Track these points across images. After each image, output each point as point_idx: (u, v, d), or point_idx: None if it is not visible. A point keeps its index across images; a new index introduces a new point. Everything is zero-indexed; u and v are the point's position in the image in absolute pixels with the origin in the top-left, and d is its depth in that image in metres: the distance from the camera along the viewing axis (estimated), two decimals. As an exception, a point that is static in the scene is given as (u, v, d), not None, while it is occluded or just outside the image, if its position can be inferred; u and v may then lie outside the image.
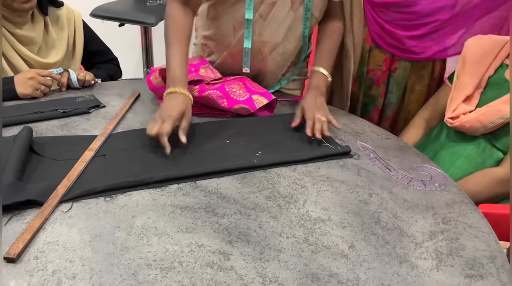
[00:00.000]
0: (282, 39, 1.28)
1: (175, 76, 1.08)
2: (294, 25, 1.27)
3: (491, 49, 1.28)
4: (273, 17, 1.24)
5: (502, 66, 1.27)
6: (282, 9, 1.23)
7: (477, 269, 0.76)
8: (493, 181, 1.17)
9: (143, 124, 1.15)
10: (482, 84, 1.28)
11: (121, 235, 0.77)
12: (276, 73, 1.36)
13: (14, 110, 1.16)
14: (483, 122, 1.20)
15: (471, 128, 1.23)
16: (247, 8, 1.21)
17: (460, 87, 1.30)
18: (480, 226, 0.86)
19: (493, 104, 1.21)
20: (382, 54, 1.45)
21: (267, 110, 1.26)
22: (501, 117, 1.18)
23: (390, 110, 1.54)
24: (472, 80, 1.28)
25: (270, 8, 1.23)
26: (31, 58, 1.35)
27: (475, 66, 1.28)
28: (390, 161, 1.07)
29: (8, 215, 0.80)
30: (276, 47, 1.29)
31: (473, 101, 1.28)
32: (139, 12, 2.35)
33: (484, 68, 1.27)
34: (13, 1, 1.25)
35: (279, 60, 1.33)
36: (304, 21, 1.27)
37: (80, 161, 0.95)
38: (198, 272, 0.70)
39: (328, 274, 0.72)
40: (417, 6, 1.33)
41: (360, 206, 0.89)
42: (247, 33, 1.25)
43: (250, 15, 1.22)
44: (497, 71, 1.27)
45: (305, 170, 1.00)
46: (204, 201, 0.87)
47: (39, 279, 0.67)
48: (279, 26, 1.26)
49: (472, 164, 1.23)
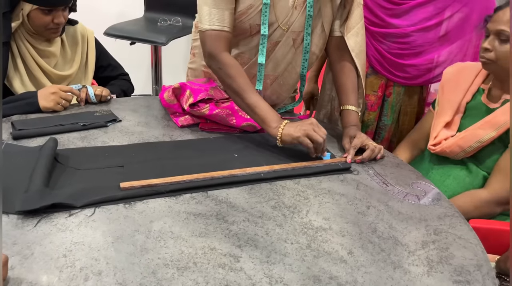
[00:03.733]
0: (282, 73, 1.36)
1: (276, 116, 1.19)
2: (294, 62, 1.35)
3: (467, 76, 1.36)
4: (276, 54, 1.32)
5: (479, 91, 1.34)
6: (284, 47, 1.31)
7: (464, 275, 0.83)
8: (480, 202, 1.23)
9: (157, 138, 1.24)
10: (461, 110, 1.35)
11: (141, 238, 0.84)
12: (276, 102, 1.44)
13: (37, 122, 1.25)
14: (462, 146, 1.28)
15: (452, 152, 1.30)
16: (260, 53, 1.28)
17: (440, 114, 1.37)
18: (468, 238, 0.94)
19: (470, 129, 1.29)
20: (378, 80, 1.54)
21: None
22: (477, 141, 1.26)
23: (385, 132, 1.63)
24: (451, 107, 1.35)
25: (273, 46, 1.30)
26: (50, 71, 1.46)
27: (453, 93, 1.36)
28: (387, 177, 1.15)
29: (37, 217, 0.87)
30: (277, 79, 1.37)
31: (454, 127, 1.35)
32: (151, 32, 2.47)
33: (462, 94, 1.35)
34: (44, 30, 1.38)
35: (279, 92, 1.41)
36: (302, 61, 1.35)
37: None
38: (211, 272, 0.77)
39: (329, 277, 0.79)
40: (410, 37, 1.44)
41: (358, 217, 0.97)
42: (259, 75, 1.31)
43: (262, 60, 1.28)
44: (474, 96, 1.34)
45: (308, 183, 1.08)
46: (215, 209, 0.95)
47: (68, 275, 0.74)
48: (280, 62, 1.34)
49: (460, 183, 1.30)
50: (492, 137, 1.24)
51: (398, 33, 1.44)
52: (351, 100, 1.33)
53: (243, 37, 1.30)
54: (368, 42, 1.50)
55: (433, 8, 1.41)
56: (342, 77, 1.36)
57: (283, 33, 1.29)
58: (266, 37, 1.27)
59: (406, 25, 1.44)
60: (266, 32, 1.26)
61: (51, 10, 1.35)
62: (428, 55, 1.48)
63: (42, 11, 1.34)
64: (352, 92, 1.34)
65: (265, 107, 1.19)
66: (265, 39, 1.27)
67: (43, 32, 1.39)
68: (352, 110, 1.31)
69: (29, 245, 0.80)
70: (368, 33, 1.49)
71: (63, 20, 1.39)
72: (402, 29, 1.44)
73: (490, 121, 1.26)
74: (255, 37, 1.29)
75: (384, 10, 1.44)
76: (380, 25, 1.46)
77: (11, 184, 0.95)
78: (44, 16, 1.35)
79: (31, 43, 1.41)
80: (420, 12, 1.42)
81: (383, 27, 1.46)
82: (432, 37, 1.44)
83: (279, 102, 1.45)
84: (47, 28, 1.38)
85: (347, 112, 1.31)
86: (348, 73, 1.35)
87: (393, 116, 1.58)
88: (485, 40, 1.25)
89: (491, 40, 1.22)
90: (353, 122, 1.29)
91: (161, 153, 1.16)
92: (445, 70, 1.42)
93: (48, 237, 0.82)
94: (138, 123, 1.32)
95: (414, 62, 1.48)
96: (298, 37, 1.30)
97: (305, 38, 1.31)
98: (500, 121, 1.23)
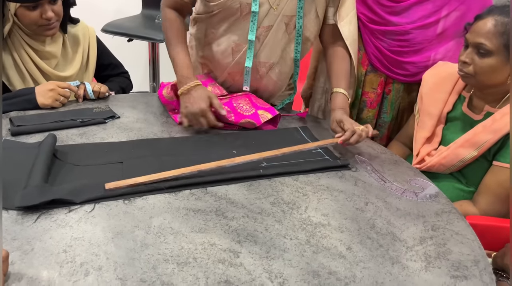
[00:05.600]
0: (278, 60, 1.37)
1: (187, 73, 1.27)
2: (288, 48, 1.36)
3: (447, 84, 1.32)
4: (269, 40, 1.33)
5: (460, 98, 1.32)
6: (277, 32, 1.32)
7: (461, 270, 0.84)
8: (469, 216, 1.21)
9: (156, 135, 1.24)
10: (442, 120, 1.33)
11: (140, 233, 0.84)
12: (272, 93, 1.45)
13: (36, 119, 1.25)
14: (446, 165, 1.27)
15: (438, 170, 1.29)
16: (250, 30, 1.30)
17: (421, 127, 1.35)
18: (465, 234, 0.95)
19: (452, 147, 1.26)
20: (377, 78, 1.55)
21: (271, 124, 1.35)
22: (460, 161, 1.24)
23: (385, 129, 1.63)
24: (431, 119, 1.33)
25: (266, 31, 1.31)
26: (50, 72, 1.44)
27: (432, 105, 1.33)
28: (385, 173, 1.15)
29: (37, 213, 0.87)
30: (273, 67, 1.38)
31: (436, 139, 1.33)
32: (148, 29, 2.46)
33: (441, 105, 1.32)
34: (37, 28, 1.35)
35: (275, 80, 1.41)
36: (295, 45, 1.36)
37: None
38: (211, 267, 0.78)
39: (328, 272, 0.80)
40: (410, 35, 1.44)
41: (357, 213, 0.98)
42: (249, 53, 1.33)
43: (252, 37, 1.30)
44: (455, 105, 1.32)
45: (307, 180, 1.08)
46: (215, 205, 0.95)
47: (69, 270, 0.75)
48: (275, 48, 1.35)
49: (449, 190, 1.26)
50: (474, 157, 1.23)
51: (398, 30, 1.44)
52: (342, 84, 1.34)
53: (235, 18, 1.30)
54: (368, 40, 1.51)
55: (432, 5, 1.42)
56: (334, 62, 1.38)
57: (275, 17, 1.29)
58: (257, 14, 1.28)
59: (405, 22, 1.44)
60: (257, 9, 1.27)
61: (36, 6, 1.31)
62: (426, 53, 1.48)
63: (26, 8, 1.30)
64: (344, 78, 1.36)
65: (181, 63, 1.29)
66: (255, 17, 1.28)
67: (36, 30, 1.35)
68: (341, 93, 1.32)
69: (29, 241, 0.80)
70: (367, 30, 1.49)
71: (52, 14, 1.33)
72: (402, 27, 1.44)
73: (470, 140, 1.23)
74: (247, 19, 1.29)
75: (383, 7, 1.44)
76: (379, 22, 1.46)
77: (10, 180, 0.95)
78: (30, 12, 1.31)
79: (30, 45, 1.39)
80: (419, 9, 1.43)
81: (382, 24, 1.46)
82: (431, 35, 1.44)
83: (275, 92, 1.45)
84: (38, 26, 1.34)
85: (336, 95, 1.33)
86: (342, 59, 1.38)
87: (393, 113, 1.59)
88: (464, 51, 1.21)
89: (470, 53, 1.18)
90: (340, 105, 1.30)
91: (160, 149, 1.16)
92: (424, 74, 1.41)
93: (48, 232, 0.82)
94: (137, 120, 1.32)
95: (413, 60, 1.48)
96: (291, 22, 1.31)
97: (297, 21, 1.32)
98: (480, 141, 1.20)
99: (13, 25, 1.35)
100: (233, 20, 1.31)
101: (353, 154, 1.24)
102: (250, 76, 1.36)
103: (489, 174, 1.22)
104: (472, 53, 1.18)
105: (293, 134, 1.32)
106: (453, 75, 1.33)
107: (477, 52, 1.17)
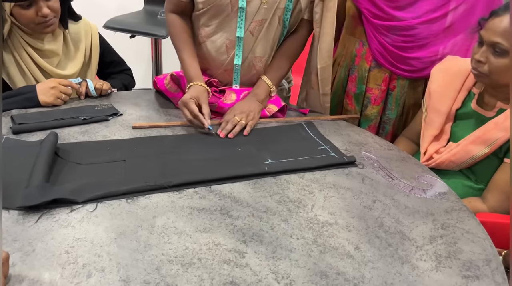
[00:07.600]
0: (270, 52, 1.37)
1: (195, 74, 1.29)
2: (279, 40, 1.37)
3: (456, 81, 1.29)
4: (263, 34, 1.31)
5: (470, 95, 1.29)
6: (271, 26, 1.31)
7: (473, 270, 0.82)
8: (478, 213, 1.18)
9: (159, 132, 1.22)
10: (451, 118, 1.30)
11: (144, 234, 0.83)
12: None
13: (38, 116, 1.23)
14: (456, 162, 1.24)
15: (447, 167, 1.27)
16: (238, 26, 1.29)
17: (428, 124, 1.32)
18: (476, 232, 0.92)
19: (462, 143, 1.23)
20: (381, 74, 1.52)
21: (280, 112, 1.37)
22: (471, 158, 1.22)
23: (390, 125, 1.60)
24: (439, 116, 1.30)
25: (260, 25, 1.30)
26: (51, 71, 1.42)
27: (441, 102, 1.30)
28: (392, 170, 1.13)
29: (38, 213, 0.86)
30: (267, 61, 1.37)
31: (444, 137, 1.30)
32: (151, 25, 2.44)
33: (450, 102, 1.29)
34: (35, 26, 1.33)
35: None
36: (279, 37, 1.37)
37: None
38: (216, 268, 0.76)
39: (336, 272, 0.78)
40: (415, 30, 1.41)
41: (364, 211, 0.96)
42: (237, 50, 1.32)
43: (241, 33, 1.30)
44: (464, 102, 1.29)
45: (313, 177, 1.06)
46: (219, 204, 0.93)
47: (71, 271, 0.73)
48: (269, 42, 1.34)
49: (458, 187, 1.25)
50: (485, 154, 1.20)
51: (402, 25, 1.41)
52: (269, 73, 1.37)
53: (225, 14, 1.28)
54: (371, 35, 1.48)
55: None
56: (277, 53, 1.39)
57: (268, 10, 1.28)
58: (244, 10, 1.26)
59: (411, 17, 1.41)
60: (244, 5, 1.26)
61: (30, 4, 1.28)
62: (432, 48, 1.45)
63: (21, 7, 1.28)
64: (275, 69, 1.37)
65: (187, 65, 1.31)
66: (243, 13, 1.27)
67: (35, 28, 1.33)
68: (263, 80, 1.36)
69: (30, 241, 0.78)
70: (371, 26, 1.46)
71: (48, 11, 1.31)
72: (407, 22, 1.41)
73: (481, 137, 1.20)
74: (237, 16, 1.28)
75: (387, 2, 1.41)
76: (383, 18, 1.43)
77: (12, 179, 0.93)
78: (25, 11, 1.29)
79: (30, 44, 1.37)
80: (425, 3, 1.40)
81: (386, 20, 1.43)
82: (437, 29, 1.41)
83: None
84: (36, 24, 1.32)
85: (259, 81, 1.37)
86: (292, 40, 1.39)
87: (398, 109, 1.56)
88: (478, 49, 1.17)
89: (485, 52, 1.14)
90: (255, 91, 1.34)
91: (163, 147, 1.14)
92: (432, 69, 1.37)
93: (50, 233, 0.81)
94: (140, 117, 1.30)
95: (418, 55, 1.46)
96: (283, 14, 1.31)
97: (285, 13, 1.31)
98: (492, 137, 1.18)
99: (12, 25, 1.33)
100: (224, 16, 1.29)
101: (360, 150, 1.21)
102: (239, 74, 1.36)
103: (499, 171, 1.20)
104: (487, 52, 1.14)
105: (298, 130, 1.30)
106: (464, 72, 1.29)
107: (492, 52, 1.13)
